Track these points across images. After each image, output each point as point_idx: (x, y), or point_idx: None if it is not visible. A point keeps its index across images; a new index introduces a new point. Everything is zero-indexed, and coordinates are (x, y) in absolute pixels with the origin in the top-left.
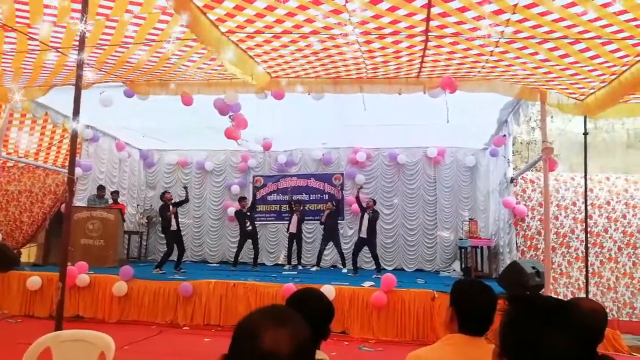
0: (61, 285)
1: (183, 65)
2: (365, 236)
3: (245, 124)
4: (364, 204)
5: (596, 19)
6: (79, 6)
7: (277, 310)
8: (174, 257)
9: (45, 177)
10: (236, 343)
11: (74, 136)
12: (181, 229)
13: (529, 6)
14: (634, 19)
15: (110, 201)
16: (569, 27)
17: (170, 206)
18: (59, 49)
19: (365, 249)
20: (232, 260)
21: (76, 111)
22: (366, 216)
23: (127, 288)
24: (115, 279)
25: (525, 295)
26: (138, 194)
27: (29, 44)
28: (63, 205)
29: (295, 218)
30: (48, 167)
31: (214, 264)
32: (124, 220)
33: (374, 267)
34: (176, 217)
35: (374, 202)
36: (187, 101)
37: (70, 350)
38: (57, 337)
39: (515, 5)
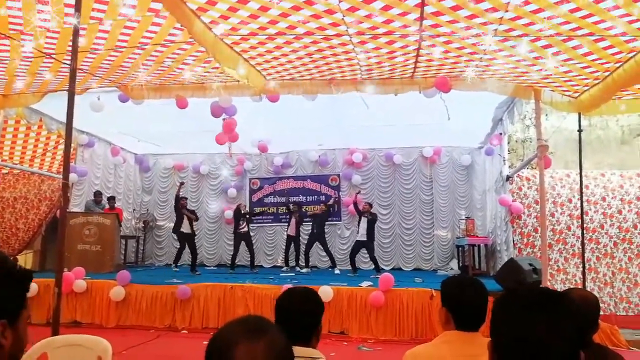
0: (57, 291)
1: (177, 68)
2: (363, 239)
3: (234, 126)
4: (361, 207)
5: (588, 15)
6: (71, 10)
7: (251, 322)
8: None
9: (41, 184)
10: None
11: (68, 142)
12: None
13: (522, 4)
14: (627, 15)
15: (107, 207)
16: (561, 24)
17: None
18: (52, 55)
19: (364, 251)
20: (230, 263)
21: (70, 117)
22: (364, 219)
23: (125, 293)
24: (112, 284)
25: (512, 288)
26: (134, 199)
27: (23, 51)
28: (59, 211)
29: (293, 221)
30: (43, 173)
31: (212, 267)
32: (120, 225)
33: (373, 267)
34: (189, 221)
35: (370, 205)
36: (181, 104)
37: (66, 355)
38: (52, 342)
39: (507, 3)
